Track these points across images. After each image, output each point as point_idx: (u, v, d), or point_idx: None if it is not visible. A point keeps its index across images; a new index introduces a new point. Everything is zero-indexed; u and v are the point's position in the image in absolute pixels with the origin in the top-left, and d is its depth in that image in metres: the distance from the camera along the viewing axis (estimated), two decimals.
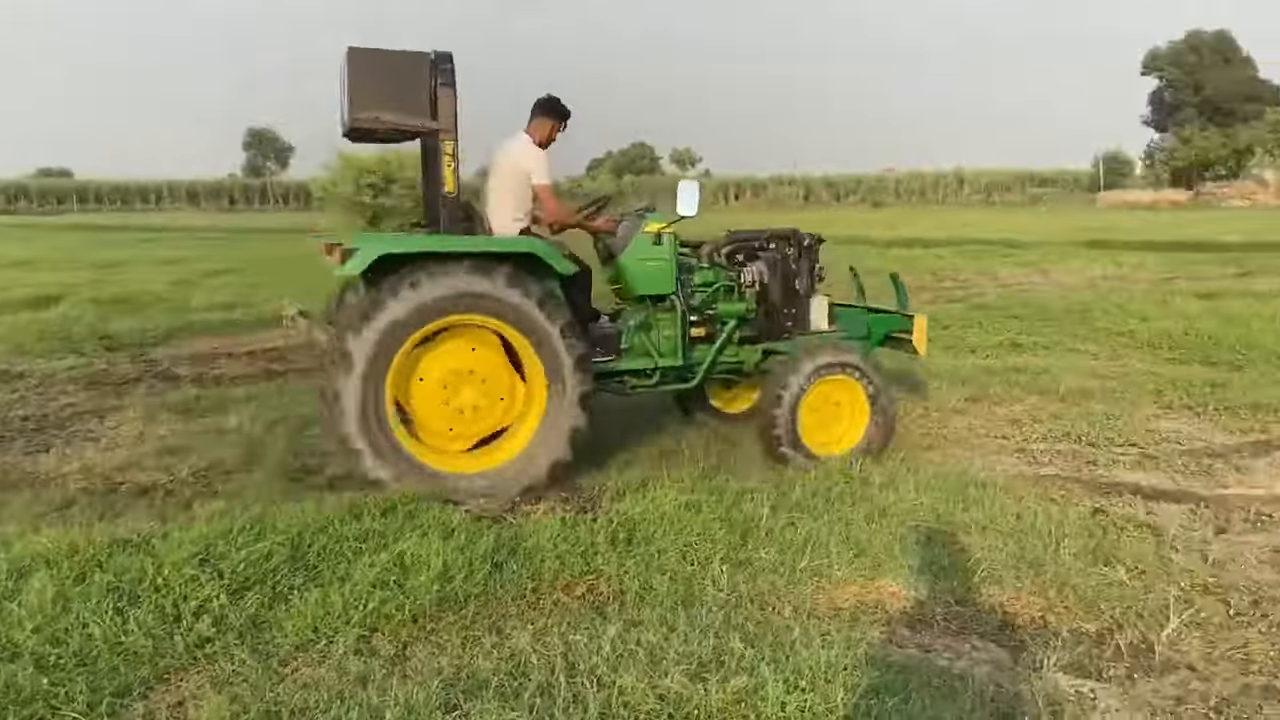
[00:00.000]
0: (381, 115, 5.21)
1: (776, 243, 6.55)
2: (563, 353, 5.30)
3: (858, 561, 4.30)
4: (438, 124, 5.24)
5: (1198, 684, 3.39)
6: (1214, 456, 6.12)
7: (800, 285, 6.52)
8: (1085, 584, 4.13)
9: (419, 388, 5.24)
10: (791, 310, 6.50)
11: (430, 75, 5.22)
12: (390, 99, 5.21)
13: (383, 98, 5.20)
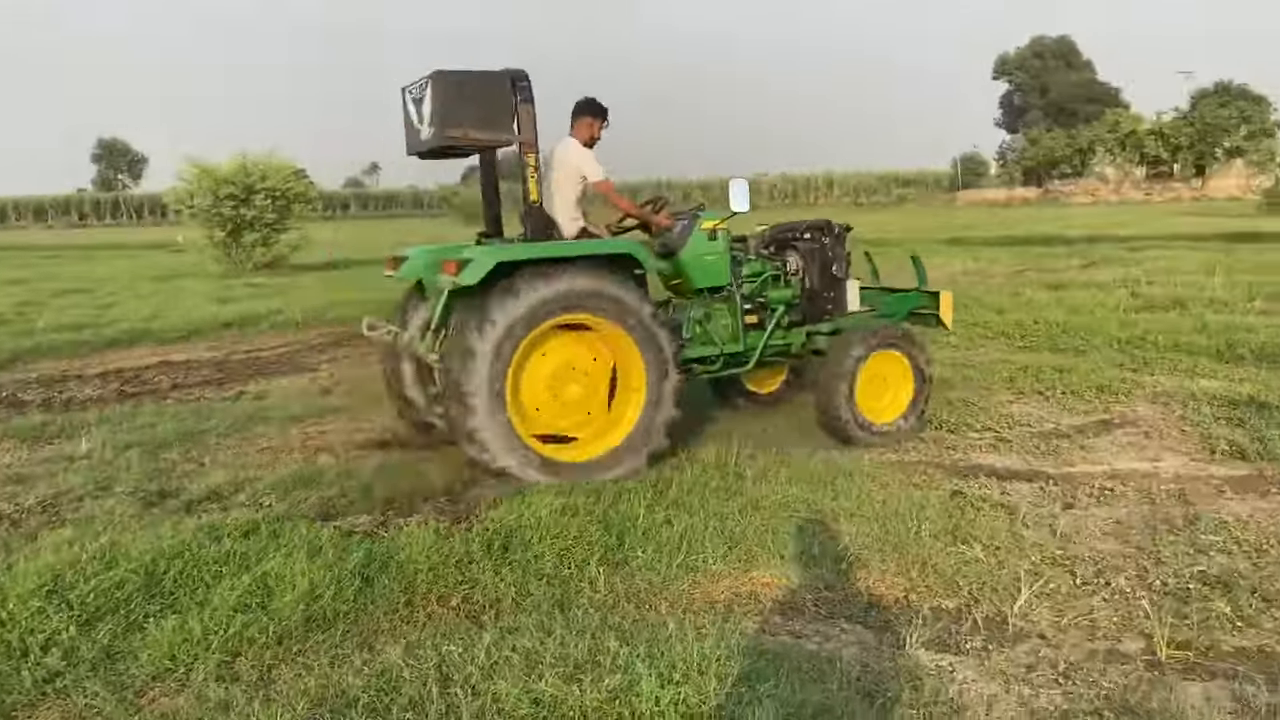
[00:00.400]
0: (470, 132, 5.62)
1: (813, 233, 7.06)
2: (666, 347, 5.76)
3: (732, 555, 4.39)
4: (520, 137, 5.66)
5: (1048, 651, 3.58)
6: (1061, 437, 6.47)
7: (837, 271, 7.01)
8: (945, 563, 4.32)
9: (530, 383, 5.59)
10: (830, 294, 6.99)
11: (511, 93, 5.61)
12: (478, 117, 5.61)
13: (471, 116, 5.59)
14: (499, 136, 5.72)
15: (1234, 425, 6.38)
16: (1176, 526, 4.72)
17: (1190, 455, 5.95)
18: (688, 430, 6.71)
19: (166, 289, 18.00)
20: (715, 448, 5.97)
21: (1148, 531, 4.69)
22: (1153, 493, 5.26)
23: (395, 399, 6.56)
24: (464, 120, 5.60)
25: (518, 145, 5.67)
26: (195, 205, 21.90)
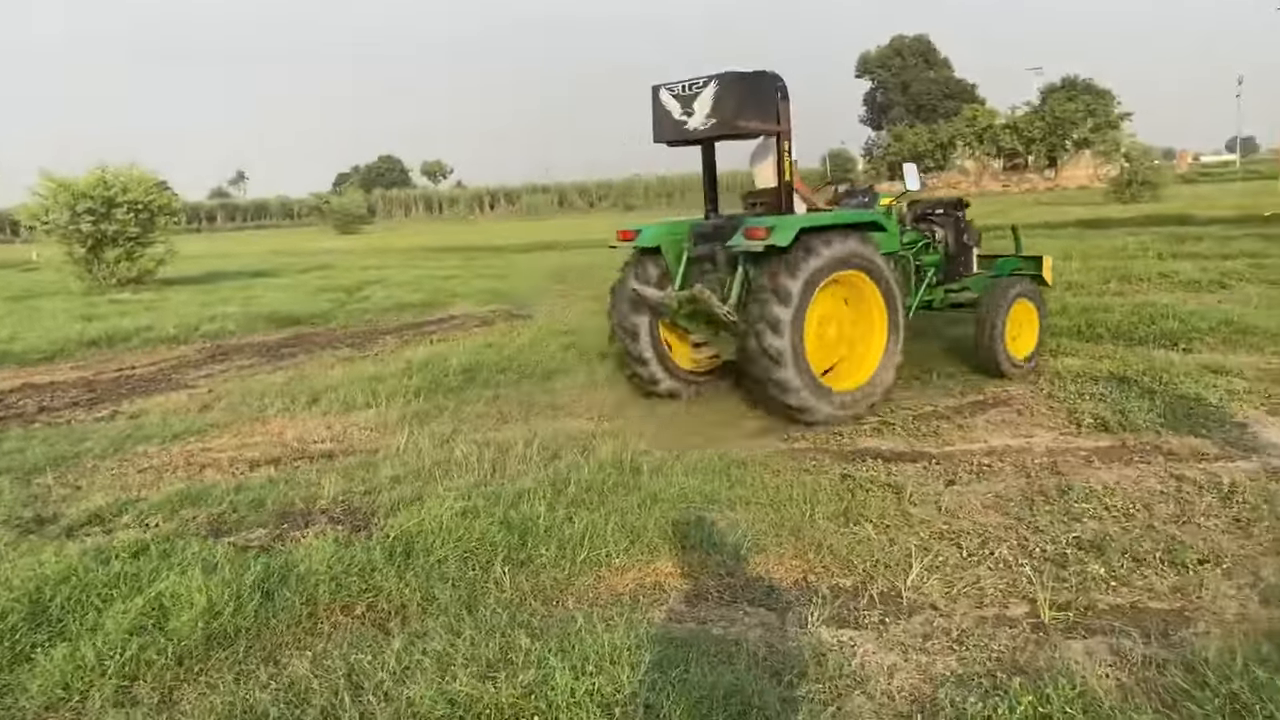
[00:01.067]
0: (743, 122, 6.80)
1: (946, 209, 8.55)
2: (899, 301, 7.09)
3: (634, 548, 4.45)
4: (780, 127, 6.94)
5: (941, 620, 3.76)
6: (941, 418, 6.76)
7: (966, 239, 8.49)
8: (839, 543, 4.48)
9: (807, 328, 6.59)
10: (962, 258, 8.46)
11: (775, 90, 6.84)
12: (751, 109, 6.80)
13: (749, 109, 6.78)
14: (767, 126, 6.94)
15: (1097, 400, 6.78)
16: (1051, 497, 5.00)
17: (1059, 429, 6.30)
18: (583, 433, 6.76)
19: (23, 309, 16.99)
20: (611, 446, 6.03)
21: (1025, 502, 4.95)
22: (1027, 466, 5.55)
23: (630, 355, 7.70)
24: (744, 112, 6.78)
25: (776, 134, 6.96)
26: (51, 221, 20.72)
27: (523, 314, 14.14)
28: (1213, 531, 4.40)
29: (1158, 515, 4.62)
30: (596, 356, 9.86)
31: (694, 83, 6.93)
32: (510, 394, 8.23)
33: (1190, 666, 3.13)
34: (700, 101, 6.88)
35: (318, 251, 36.25)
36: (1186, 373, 7.25)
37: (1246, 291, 11.37)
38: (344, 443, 6.88)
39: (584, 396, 8.02)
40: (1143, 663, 3.26)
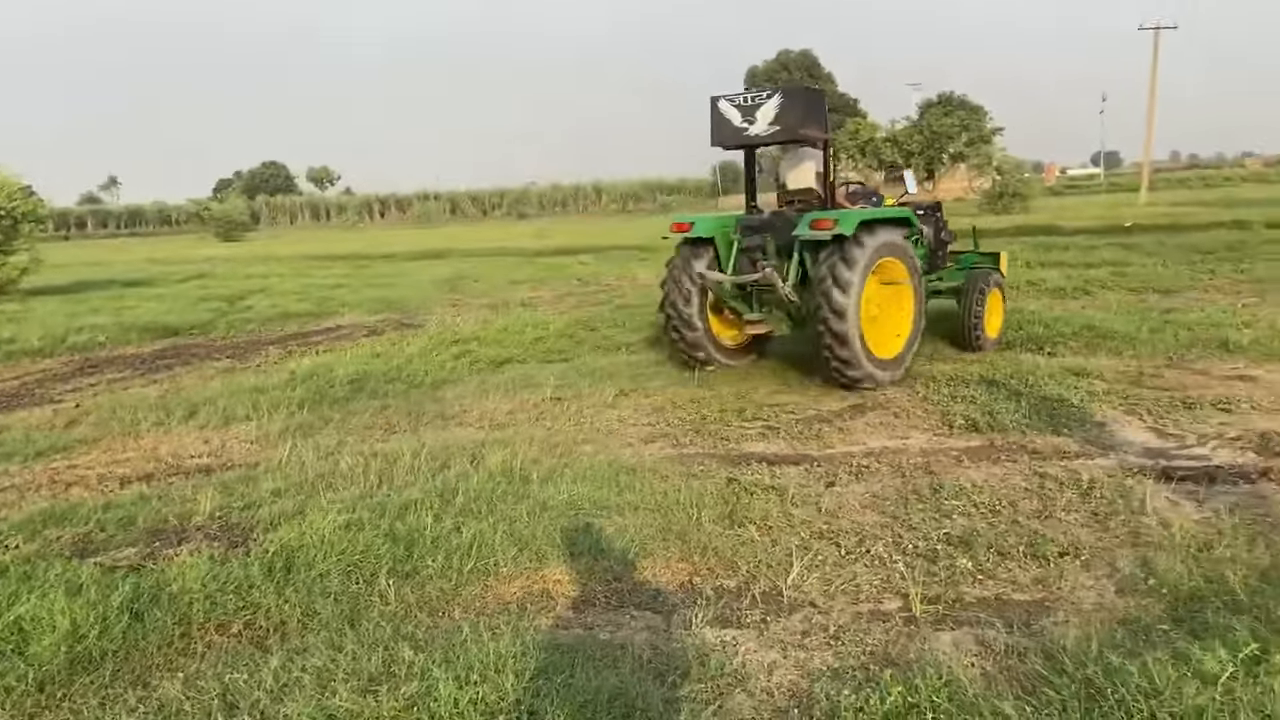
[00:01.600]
0: (804, 130, 7.96)
1: (928, 210, 9.47)
2: (921, 286, 8.34)
3: (522, 556, 4.45)
4: (828, 135, 8.42)
5: (819, 617, 3.88)
6: (823, 422, 6.95)
7: (944, 236, 9.53)
8: (724, 545, 4.57)
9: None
10: (940, 253, 9.49)
11: (824, 103, 8.21)
12: (811, 119, 7.98)
13: (807, 118, 7.95)
14: (822, 134, 8.19)
15: (968, 402, 7.08)
16: (924, 495, 5.20)
17: (933, 431, 6.55)
18: (473, 442, 6.71)
19: None
20: (501, 455, 6.00)
21: (900, 501, 5.14)
22: (903, 466, 5.76)
23: (679, 333, 8.68)
24: (806, 122, 7.94)
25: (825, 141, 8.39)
26: None
27: (413, 323, 13.94)
28: (1072, 525, 4.65)
29: (1022, 511, 4.86)
30: (488, 365, 9.82)
31: (756, 94, 8.07)
32: (399, 404, 8.11)
33: (1049, 654, 3.30)
34: (763, 111, 7.99)
35: (197, 259, 34.93)
36: (1051, 375, 7.63)
37: (1107, 298, 12.03)
38: (222, 457, 6.67)
39: (475, 405, 7.95)
40: (1005, 651, 3.42)
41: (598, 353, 10.46)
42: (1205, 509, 4.73)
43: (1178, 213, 28.46)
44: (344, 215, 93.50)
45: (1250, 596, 3.52)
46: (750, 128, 8.06)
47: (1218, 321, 9.65)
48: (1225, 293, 12.00)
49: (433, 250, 34.06)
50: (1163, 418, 6.42)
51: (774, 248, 8.28)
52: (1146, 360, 8.20)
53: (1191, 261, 15.30)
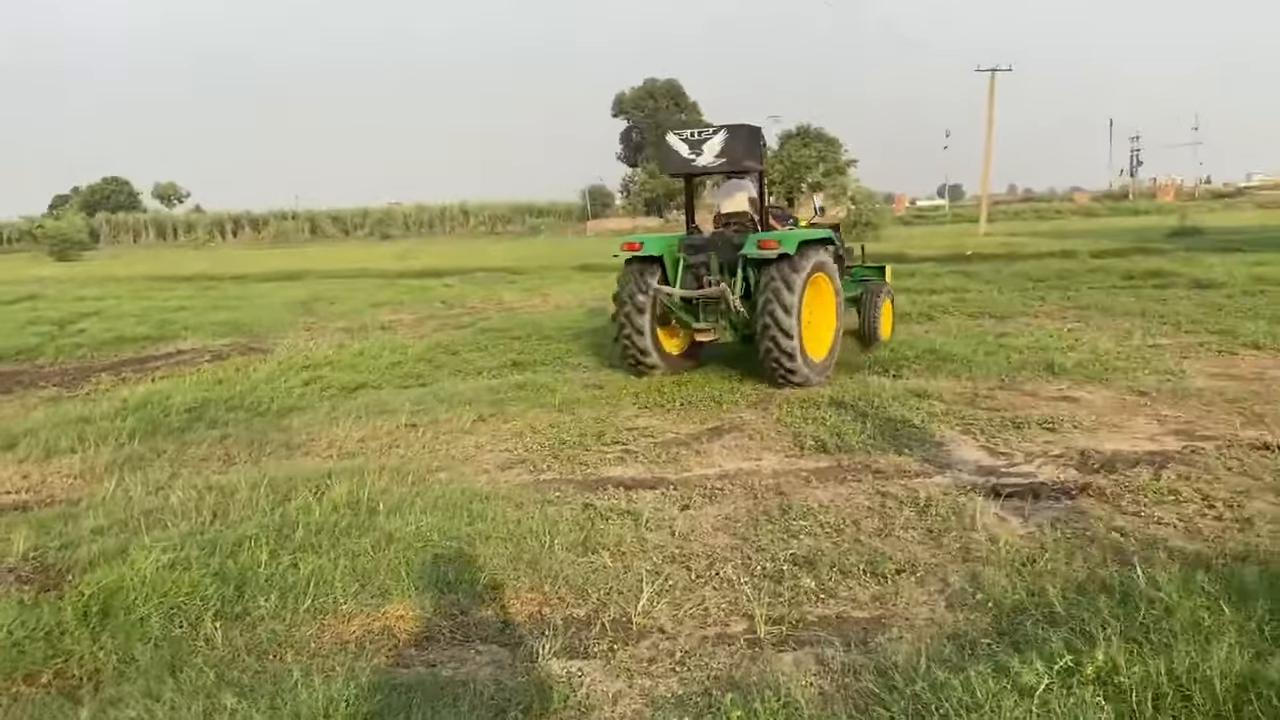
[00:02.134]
0: (747, 162, 9.14)
1: (835, 230, 10.47)
2: (842, 295, 9.68)
3: (364, 592, 4.30)
4: (763, 167, 9.77)
5: (666, 643, 3.87)
6: (680, 445, 7.01)
7: (843, 253, 10.50)
8: (576, 573, 4.53)
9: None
10: (841, 268, 10.28)
11: (761, 139, 9.38)
12: (751, 152, 9.14)
13: (749, 152, 9.10)
14: (756, 165, 9.41)
15: (818, 424, 7.27)
16: (773, 516, 5.30)
17: (785, 452, 6.70)
18: (318, 472, 6.47)
19: None
20: (347, 485, 5.80)
21: (751, 523, 5.22)
22: (755, 488, 5.86)
23: (630, 341, 9.46)
24: (747, 155, 9.08)
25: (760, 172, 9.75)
26: None
27: (261, 347, 13.39)
28: (910, 542, 4.82)
29: (864, 529, 5.00)
30: (340, 391, 9.50)
31: (703, 130, 9.20)
32: (240, 434, 7.74)
33: (882, 671, 3.39)
34: (710, 145, 9.09)
35: (27, 280, 32.65)
36: (895, 397, 7.93)
37: (948, 323, 12.63)
38: (41, 492, 6.22)
39: (323, 434, 7.68)
40: (842, 670, 3.50)
41: (457, 377, 10.29)
42: (1030, 524, 4.98)
43: (1013, 242, 30.22)
44: (193, 234, 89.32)
45: (1067, 609, 3.70)
46: (698, 159, 9.14)
47: (1045, 345, 10.25)
48: (1053, 318, 12.77)
49: (287, 271, 32.92)
50: (994, 437, 6.75)
51: (718, 264, 9.25)
52: (981, 382, 8.62)
53: (1024, 288, 16.23)
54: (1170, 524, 4.87)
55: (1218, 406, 7.36)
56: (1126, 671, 2.94)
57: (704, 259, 9.31)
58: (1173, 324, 11.63)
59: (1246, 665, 2.91)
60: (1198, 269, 17.20)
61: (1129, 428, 6.89)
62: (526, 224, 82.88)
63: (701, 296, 9.24)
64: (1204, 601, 3.55)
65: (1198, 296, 14.02)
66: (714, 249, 9.31)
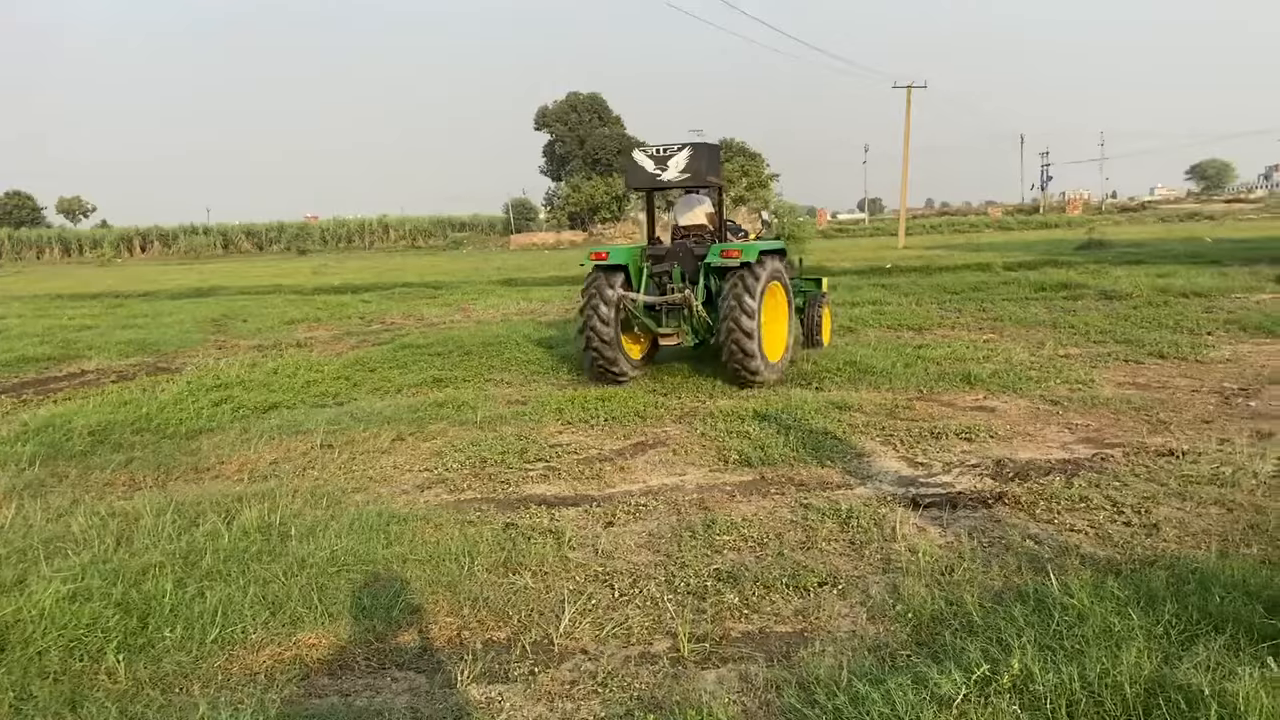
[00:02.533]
0: (710, 177, 9.78)
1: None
2: (793, 304, 10.51)
3: (274, 621, 4.15)
4: (722, 182, 10.36)
5: (589, 665, 3.81)
6: (604, 461, 6.96)
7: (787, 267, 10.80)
8: (496, 595, 4.44)
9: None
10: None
11: (720, 156, 10.13)
12: (712, 168, 9.81)
13: (710, 168, 9.76)
14: (717, 181, 10.05)
15: (742, 437, 7.30)
16: (697, 531, 5.27)
17: (709, 467, 6.70)
18: (228, 496, 6.26)
19: None
20: (259, 509, 5.61)
21: (674, 539, 5.19)
22: (679, 503, 5.84)
23: (597, 350, 9.79)
24: (709, 170, 9.76)
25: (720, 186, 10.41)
26: None
27: (169, 367, 12.96)
28: (832, 555, 4.84)
29: (787, 543, 5.02)
30: (253, 411, 9.23)
31: (668, 148, 9.79)
32: (146, 457, 7.45)
33: (805, 685, 3.39)
34: (674, 161, 9.75)
35: None
36: (817, 409, 8.01)
37: (869, 335, 12.83)
38: None
39: (234, 456, 7.43)
40: (765, 686, 3.48)
41: (375, 395, 10.08)
42: (949, 534, 5.05)
43: (930, 256, 30.95)
44: (99, 250, 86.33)
45: (984, 618, 3.75)
46: (663, 174, 9.78)
47: (962, 356, 10.48)
48: (970, 329, 13.08)
49: (198, 288, 32.03)
50: (914, 447, 6.85)
51: (679, 273, 9.97)
52: (901, 393, 8.76)
53: (942, 301, 16.61)
54: (1082, 531, 4.99)
55: (1125, 414, 7.59)
56: (1041, 679, 2.98)
57: (666, 268, 10.04)
58: (1082, 334, 12.01)
59: (1155, 669, 2.98)
60: (1105, 280, 17.81)
61: (1042, 436, 7.07)
62: (448, 238, 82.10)
63: (665, 303, 9.87)
64: (1114, 607, 3.63)
65: (1105, 307, 14.51)
66: (676, 259, 10.03)
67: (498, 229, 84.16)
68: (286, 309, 21.66)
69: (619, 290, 9.85)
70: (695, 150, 9.68)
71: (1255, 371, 9.24)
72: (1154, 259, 23.31)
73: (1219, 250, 24.60)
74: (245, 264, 60.68)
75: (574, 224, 76.49)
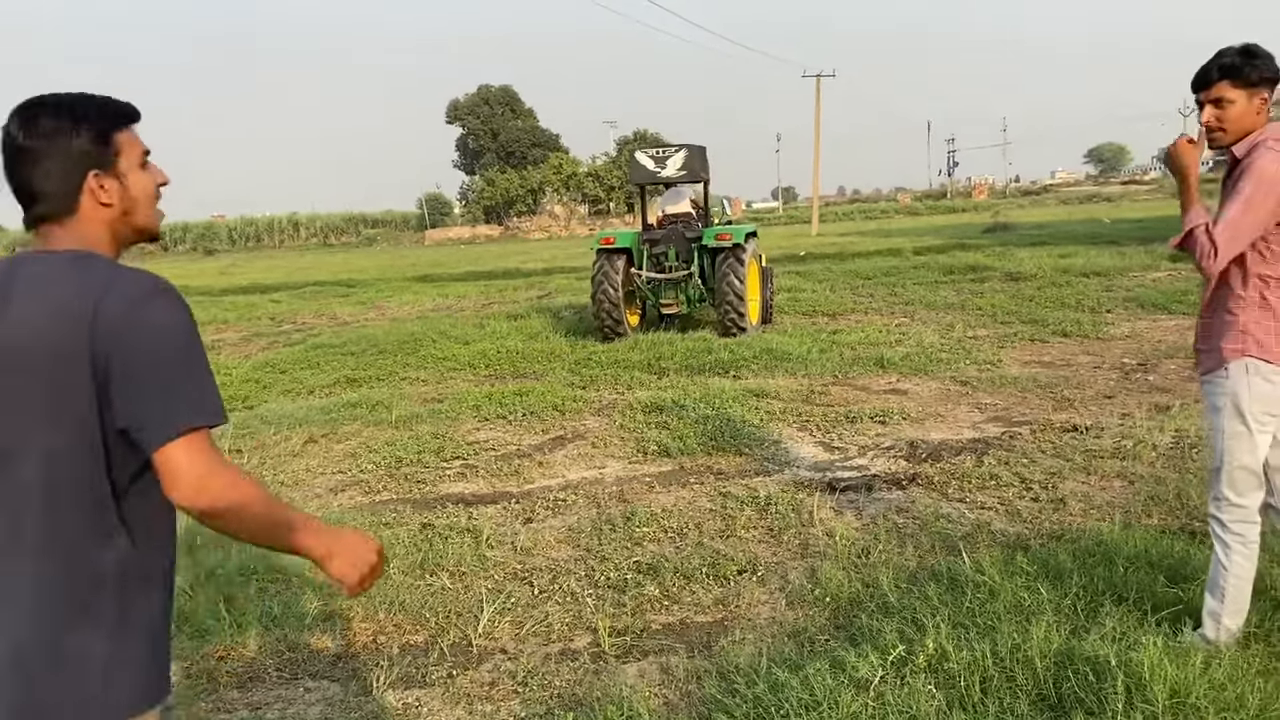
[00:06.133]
0: (703, 174, 12.47)
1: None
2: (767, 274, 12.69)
3: (180, 634, 3.99)
4: (708, 177, 12.74)
5: (508, 664, 3.75)
6: (523, 457, 6.89)
7: None
8: (413, 598, 4.35)
9: None
10: None
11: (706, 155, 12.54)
12: (704, 166, 12.44)
13: (703, 165, 12.40)
14: (705, 176, 12.55)
15: (661, 428, 7.29)
16: (617, 524, 5.24)
17: (629, 458, 6.68)
18: None
19: None
20: None
21: (595, 533, 5.15)
22: (599, 497, 5.80)
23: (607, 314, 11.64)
24: (701, 168, 12.34)
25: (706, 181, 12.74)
26: None
27: None
28: (751, 542, 4.87)
29: (706, 532, 5.02)
30: None
31: (666, 149, 12.48)
32: None
33: (725, 675, 3.38)
34: (672, 160, 12.30)
35: None
36: (734, 397, 8.04)
37: (784, 321, 12.98)
38: None
39: None
40: (686, 677, 3.48)
41: (286, 397, 9.83)
42: (864, 516, 5.12)
43: (843, 242, 31.48)
44: None
45: (899, 599, 3.80)
46: (662, 171, 12.35)
47: (875, 340, 10.67)
48: (882, 314, 13.33)
49: None
50: (829, 432, 6.94)
51: (673, 253, 12.03)
52: (816, 379, 8.88)
53: (854, 286, 16.89)
54: (992, 508, 5.11)
55: (1032, 393, 7.82)
56: (955, 657, 3.02)
57: (663, 249, 12.10)
58: (989, 315, 12.34)
59: (1064, 642, 3.05)
60: (1010, 263, 18.33)
61: (953, 417, 7.23)
62: (361, 235, 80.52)
63: (667, 280, 12.09)
64: (1024, 582, 3.71)
65: (1011, 289, 14.93)
66: (670, 242, 12.12)
67: (412, 225, 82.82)
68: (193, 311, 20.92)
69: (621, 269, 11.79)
70: (690, 152, 12.27)
71: (1153, 347, 9.60)
72: (1056, 240, 24.09)
73: (1117, 231, 25.54)
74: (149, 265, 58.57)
75: (489, 218, 75.71)
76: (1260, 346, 2.95)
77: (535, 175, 74.05)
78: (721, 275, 11.39)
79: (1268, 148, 2.86)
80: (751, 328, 11.51)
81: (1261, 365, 2.96)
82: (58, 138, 1.59)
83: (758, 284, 12.14)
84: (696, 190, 13.07)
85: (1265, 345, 2.95)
